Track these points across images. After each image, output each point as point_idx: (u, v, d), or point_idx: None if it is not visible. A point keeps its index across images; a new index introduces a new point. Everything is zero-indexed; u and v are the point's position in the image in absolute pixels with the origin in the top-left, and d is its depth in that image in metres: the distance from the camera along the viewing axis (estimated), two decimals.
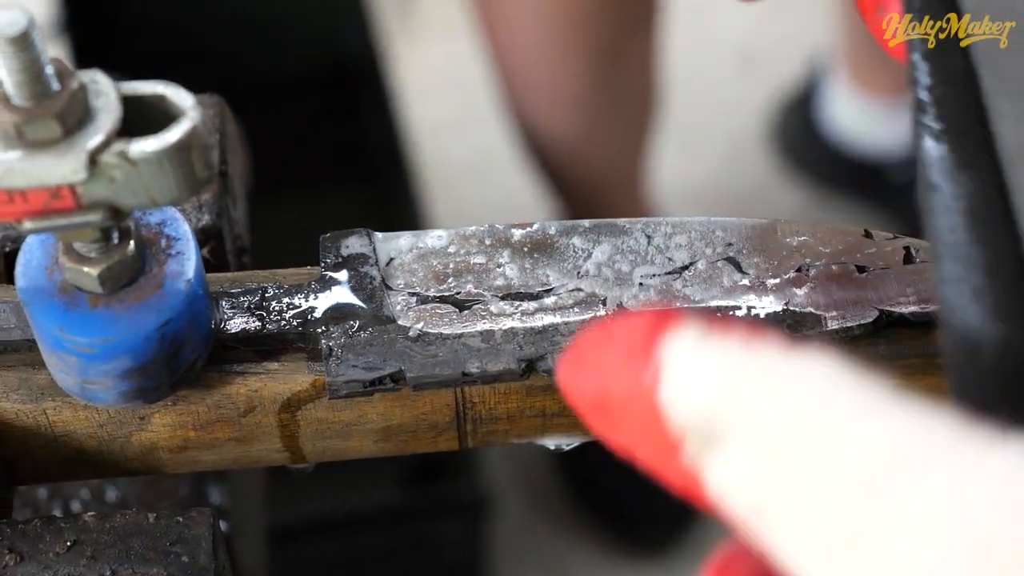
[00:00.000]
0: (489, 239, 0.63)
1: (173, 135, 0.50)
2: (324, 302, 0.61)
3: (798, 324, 0.60)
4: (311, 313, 0.60)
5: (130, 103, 0.50)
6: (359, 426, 0.61)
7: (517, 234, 0.63)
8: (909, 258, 0.61)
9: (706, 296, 0.61)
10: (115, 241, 0.55)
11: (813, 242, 0.62)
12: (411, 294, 0.61)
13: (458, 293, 0.61)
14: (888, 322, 0.60)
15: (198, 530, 0.58)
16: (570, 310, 0.60)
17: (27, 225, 0.51)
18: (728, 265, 0.62)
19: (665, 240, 0.63)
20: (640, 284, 0.61)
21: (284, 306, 0.60)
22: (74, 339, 0.55)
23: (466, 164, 2.27)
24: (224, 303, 0.61)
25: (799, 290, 0.61)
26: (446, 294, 0.61)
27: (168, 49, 1.92)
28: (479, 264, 0.62)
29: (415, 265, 0.62)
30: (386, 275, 0.61)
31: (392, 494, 1.74)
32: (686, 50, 2.23)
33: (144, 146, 0.50)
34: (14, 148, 0.49)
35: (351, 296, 0.61)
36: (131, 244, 0.55)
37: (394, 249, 0.62)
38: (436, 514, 1.65)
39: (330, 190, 2.00)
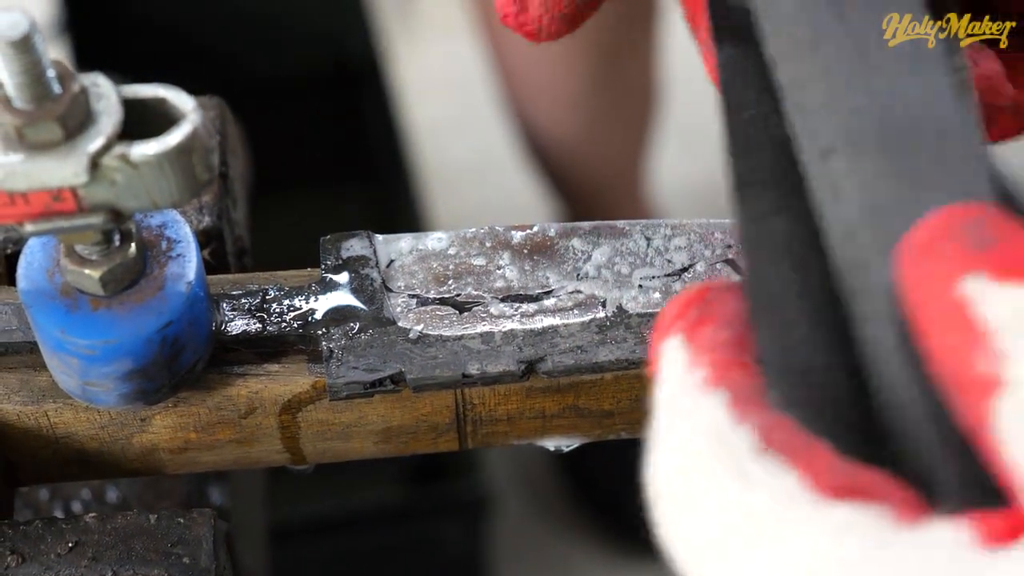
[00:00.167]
0: (489, 241, 0.63)
1: (174, 138, 0.50)
2: (325, 304, 0.61)
3: None
4: (312, 315, 0.60)
5: (131, 106, 0.51)
6: (359, 427, 0.62)
7: (517, 236, 0.63)
8: None
9: None
10: (116, 243, 0.55)
11: None
12: (411, 296, 0.61)
13: (458, 295, 0.61)
14: None
15: (199, 531, 0.58)
16: (570, 312, 0.61)
17: (28, 228, 0.52)
18: (727, 267, 0.62)
19: (664, 242, 0.63)
20: (640, 286, 0.61)
21: (285, 308, 0.61)
22: (75, 341, 0.55)
23: (466, 164, 2.27)
24: (225, 305, 0.61)
25: None
26: (446, 296, 0.61)
27: (168, 49, 1.92)
28: (479, 266, 0.62)
29: (415, 267, 0.62)
30: (386, 277, 0.62)
31: (392, 494, 1.74)
32: (686, 50, 2.23)
33: (145, 149, 0.50)
34: (15, 151, 0.49)
35: (351, 298, 0.61)
36: (132, 246, 0.55)
37: (394, 251, 0.62)
38: (436, 514, 1.65)
39: (330, 190, 2.00)
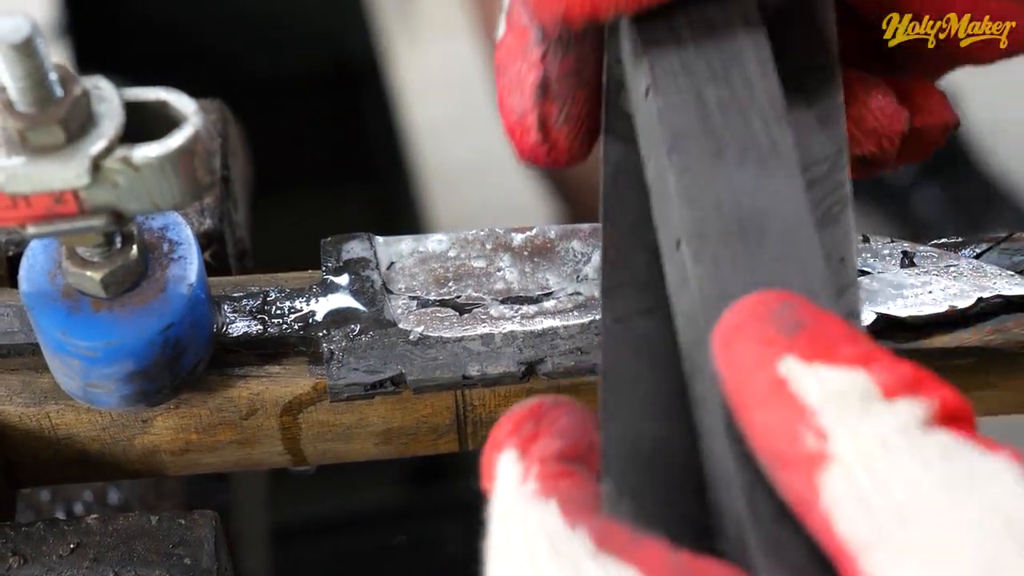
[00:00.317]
0: (489, 243, 0.63)
1: (176, 141, 0.50)
2: (325, 306, 0.61)
3: None
4: (312, 317, 0.60)
5: (133, 109, 0.51)
6: (360, 429, 0.62)
7: (517, 238, 0.63)
8: (907, 262, 0.62)
9: None
10: (118, 246, 0.55)
11: None
12: (412, 298, 0.61)
13: (458, 297, 0.61)
14: (885, 324, 0.60)
15: (200, 532, 0.58)
16: (569, 313, 0.61)
17: (30, 230, 0.52)
18: None
19: None
20: None
21: (285, 310, 0.61)
22: (77, 343, 0.55)
23: (466, 164, 2.27)
24: (226, 307, 0.61)
25: None
26: (446, 298, 0.61)
27: (168, 50, 1.92)
28: (479, 268, 0.62)
29: (416, 269, 0.62)
30: (387, 279, 0.62)
31: (393, 495, 1.74)
32: None
33: (147, 152, 0.50)
34: (18, 153, 0.49)
35: (352, 300, 0.61)
36: (134, 248, 0.55)
37: (395, 253, 0.63)
38: (437, 514, 1.65)
39: (330, 190, 2.00)
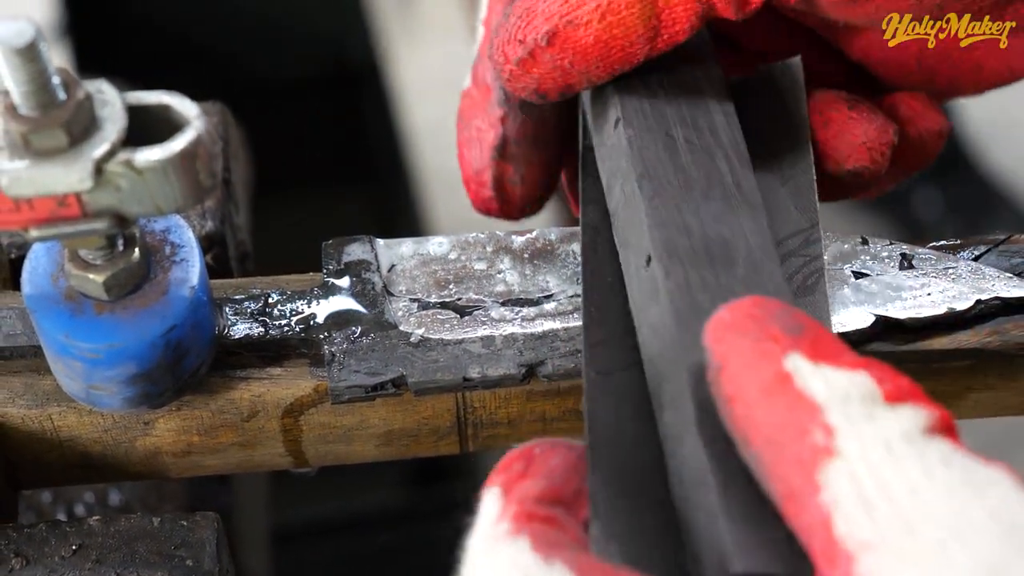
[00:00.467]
0: (490, 246, 0.63)
1: (178, 144, 0.50)
2: (326, 308, 0.61)
3: None
4: (314, 319, 0.61)
5: (135, 112, 0.51)
6: (361, 430, 0.62)
7: (518, 241, 0.63)
8: (906, 264, 0.62)
9: None
10: (120, 248, 0.55)
11: None
12: (413, 300, 0.61)
13: (459, 299, 0.62)
14: (884, 326, 0.60)
15: (202, 534, 0.58)
16: (570, 316, 0.61)
17: (33, 233, 0.52)
18: None
19: None
20: None
21: (287, 312, 0.61)
22: (79, 345, 0.56)
23: None
24: (228, 309, 0.61)
25: None
26: (447, 300, 0.62)
27: (168, 51, 1.92)
28: (480, 270, 0.63)
29: (417, 271, 0.62)
30: (388, 281, 0.62)
31: (393, 497, 1.74)
32: None
33: (149, 155, 0.50)
34: (21, 157, 0.50)
35: (353, 302, 0.61)
36: (136, 251, 0.56)
37: (396, 255, 0.63)
38: (437, 516, 1.65)
39: (330, 191, 2.00)
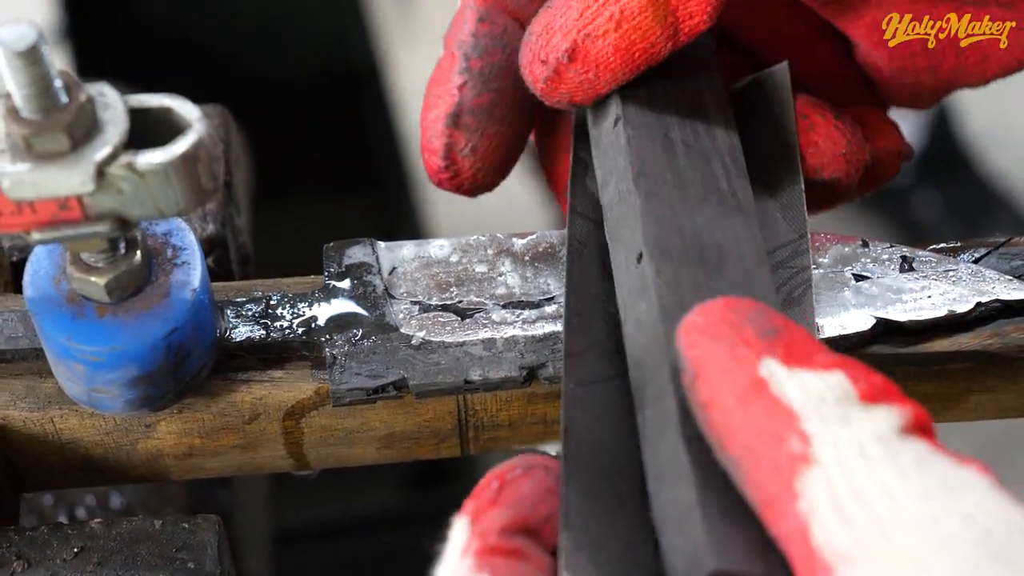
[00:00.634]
0: (491, 248, 0.63)
1: (179, 147, 0.50)
2: (328, 311, 0.61)
3: None
4: (315, 322, 0.61)
5: (137, 115, 0.51)
6: (362, 433, 0.62)
7: (519, 243, 0.63)
8: (906, 267, 0.62)
9: None
10: (122, 251, 0.55)
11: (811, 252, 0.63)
12: (414, 303, 0.61)
13: (460, 302, 0.62)
14: (884, 329, 0.60)
15: (203, 536, 0.58)
16: None
17: (35, 236, 0.52)
18: None
19: None
20: None
21: (288, 315, 0.61)
22: (81, 348, 0.56)
23: None
24: (229, 312, 0.61)
25: None
26: (448, 303, 0.62)
27: (169, 54, 1.93)
28: (481, 273, 0.63)
29: (418, 274, 0.62)
30: (389, 284, 0.62)
31: (395, 499, 1.74)
32: None
33: (151, 158, 0.50)
34: (23, 160, 0.50)
35: (354, 305, 0.61)
36: (137, 254, 0.56)
37: (397, 258, 0.63)
38: (438, 519, 1.65)
39: (331, 195, 2.00)
